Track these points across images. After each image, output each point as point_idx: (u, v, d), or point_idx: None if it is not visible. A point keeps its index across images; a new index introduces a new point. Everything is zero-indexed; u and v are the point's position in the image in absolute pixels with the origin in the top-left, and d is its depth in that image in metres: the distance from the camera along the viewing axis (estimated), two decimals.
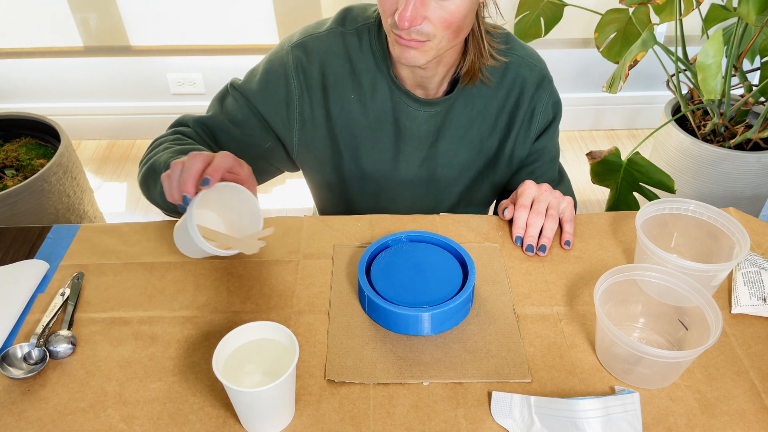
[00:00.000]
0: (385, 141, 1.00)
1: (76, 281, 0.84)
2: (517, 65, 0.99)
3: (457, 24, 0.83)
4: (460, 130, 1.00)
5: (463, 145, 1.02)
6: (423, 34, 0.82)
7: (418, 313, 0.75)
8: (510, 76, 0.99)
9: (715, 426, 0.68)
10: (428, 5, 0.80)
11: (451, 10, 0.81)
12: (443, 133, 1.00)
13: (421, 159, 1.02)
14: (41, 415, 0.69)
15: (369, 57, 0.95)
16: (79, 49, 2.32)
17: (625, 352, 0.69)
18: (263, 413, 0.65)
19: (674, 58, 1.78)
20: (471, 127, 1.00)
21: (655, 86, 2.51)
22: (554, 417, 0.68)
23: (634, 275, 0.76)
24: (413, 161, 1.02)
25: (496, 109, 1.00)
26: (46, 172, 1.66)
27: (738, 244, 0.80)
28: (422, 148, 1.01)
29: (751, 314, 0.81)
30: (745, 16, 1.48)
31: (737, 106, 1.77)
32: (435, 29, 0.82)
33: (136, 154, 2.48)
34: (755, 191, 1.84)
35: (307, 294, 0.83)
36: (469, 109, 0.99)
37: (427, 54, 0.86)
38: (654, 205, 0.85)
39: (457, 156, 1.02)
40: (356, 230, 0.93)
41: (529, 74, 0.99)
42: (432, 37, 0.83)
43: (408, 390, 0.72)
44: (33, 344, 0.75)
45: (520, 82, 0.99)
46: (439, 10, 0.80)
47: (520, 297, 0.83)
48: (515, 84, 0.99)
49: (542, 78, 1.00)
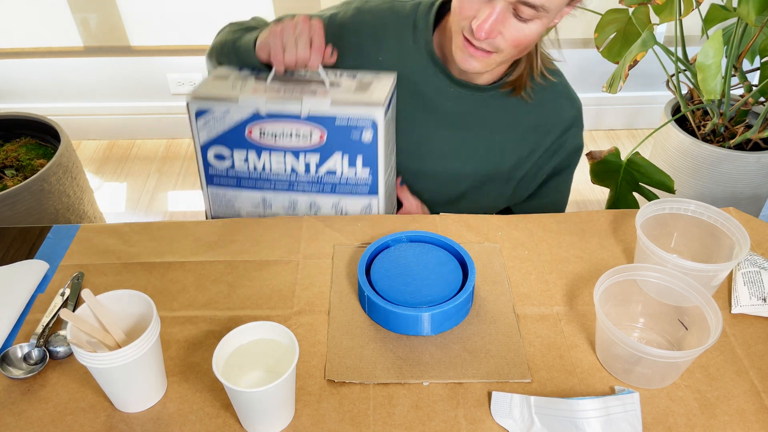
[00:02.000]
0: (404, 112, 0.99)
1: (76, 281, 0.84)
2: (560, 95, 1.00)
3: (526, 45, 0.84)
4: (485, 131, 1.00)
5: (482, 145, 1.01)
6: (493, 46, 0.83)
7: (418, 313, 0.75)
8: (550, 101, 0.99)
9: (715, 426, 0.68)
10: (507, 22, 0.81)
11: (526, 32, 0.82)
12: (468, 123, 0.99)
13: (439, 138, 1.01)
14: (41, 415, 0.69)
15: (408, 30, 0.96)
16: (79, 49, 2.32)
17: (625, 352, 0.69)
18: (263, 413, 0.65)
19: (674, 58, 1.78)
20: (497, 131, 1.00)
21: (655, 86, 2.51)
22: (554, 417, 0.68)
23: (634, 275, 0.76)
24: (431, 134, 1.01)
25: (526, 126, 1.00)
26: (46, 172, 1.66)
27: (738, 244, 0.80)
28: (443, 126, 1.00)
29: (751, 314, 0.81)
30: (745, 17, 1.48)
31: (737, 106, 1.77)
32: (505, 45, 0.83)
33: (136, 154, 2.48)
34: (755, 191, 1.84)
35: (307, 294, 0.83)
36: (502, 114, 0.99)
37: (488, 65, 0.87)
38: (654, 205, 0.85)
39: (473, 153, 1.02)
40: (356, 230, 0.93)
41: (569, 108, 1.00)
42: (500, 51, 0.84)
43: (408, 390, 0.72)
44: (33, 344, 0.75)
45: (558, 111, 1.00)
46: (515, 29, 0.81)
47: (520, 297, 0.83)
48: (554, 111, 1.00)
49: (578, 116, 1.01)
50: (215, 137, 0.92)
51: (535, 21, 0.81)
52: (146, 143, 2.54)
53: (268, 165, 0.93)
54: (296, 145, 0.90)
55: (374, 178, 0.92)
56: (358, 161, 0.90)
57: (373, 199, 0.94)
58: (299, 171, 0.92)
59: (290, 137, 0.89)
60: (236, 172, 0.95)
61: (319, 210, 0.96)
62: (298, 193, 0.95)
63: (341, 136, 0.88)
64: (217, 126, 0.91)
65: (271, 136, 0.90)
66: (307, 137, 0.89)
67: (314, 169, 0.92)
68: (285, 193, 0.95)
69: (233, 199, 0.98)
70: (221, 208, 1.00)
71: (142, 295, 0.69)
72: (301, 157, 0.91)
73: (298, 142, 0.89)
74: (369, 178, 0.92)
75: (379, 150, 0.89)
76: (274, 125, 0.89)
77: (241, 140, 0.91)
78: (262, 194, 0.96)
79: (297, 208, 0.97)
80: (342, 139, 0.89)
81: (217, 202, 0.99)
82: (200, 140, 0.93)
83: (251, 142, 0.91)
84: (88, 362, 0.63)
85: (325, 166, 0.91)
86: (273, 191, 0.95)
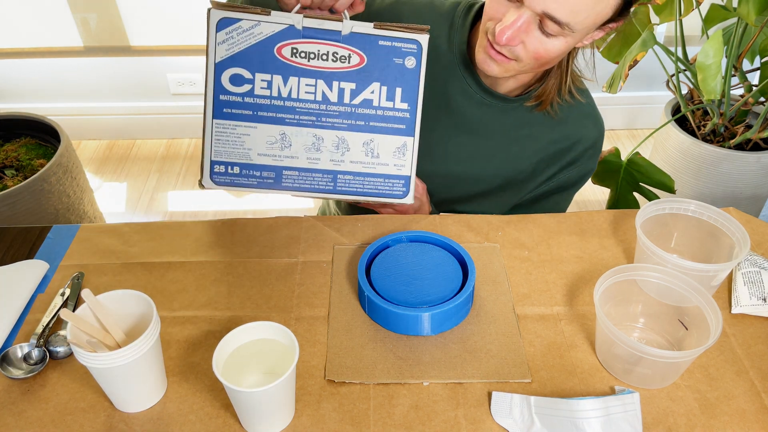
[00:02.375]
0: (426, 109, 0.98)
1: (76, 281, 0.84)
2: (585, 115, 0.99)
3: (547, 60, 0.83)
4: (504, 140, 0.99)
5: (499, 155, 1.00)
6: (513, 54, 0.82)
7: (418, 313, 0.75)
8: (574, 119, 0.99)
9: (715, 426, 0.68)
10: (531, 33, 0.80)
11: (548, 47, 0.81)
12: (488, 131, 0.99)
13: (456, 142, 1.00)
14: (41, 415, 0.69)
15: (446, 26, 0.96)
16: (79, 49, 2.32)
17: (625, 352, 0.69)
18: (263, 413, 0.65)
19: (674, 58, 1.78)
20: (516, 143, 0.99)
21: (655, 86, 2.51)
22: (554, 417, 0.68)
23: (634, 275, 0.76)
24: (449, 138, 1.00)
25: (546, 141, 0.99)
26: (46, 172, 1.66)
27: (738, 244, 0.80)
28: (463, 131, 0.99)
29: (751, 314, 0.81)
30: (745, 17, 1.48)
31: (737, 106, 1.77)
32: (525, 56, 0.82)
33: (136, 154, 2.48)
34: (755, 191, 1.84)
35: (307, 294, 0.83)
36: (523, 127, 0.98)
37: (506, 71, 0.86)
38: (654, 205, 0.85)
39: (489, 161, 1.01)
40: (356, 230, 0.93)
41: (592, 128, 1.00)
42: (519, 60, 0.83)
43: (408, 390, 0.72)
44: (33, 344, 0.75)
45: (580, 130, 0.99)
46: (537, 42, 0.80)
47: (520, 297, 0.83)
48: (576, 129, 0.99)
49: (599, 139, 1.01)
50: (236, 54, 0.81)
51: (559, 38, 0.80)
52: (146, 143, 2.54)
53: (296, 91, 0.82)
54: (332, 67, 0.81)
55: (413, 116, 0.84)
56: (397, 94, 0.82)
57: (408, 140, 0.85)
58: (332, 99, 0.82)
59: (326, 59, 0.81)
60: (255, 99, 0.82)
61: (348, 150, 0.85)
62: (325, 129, 0.83)
63: (382, 61, 0.81)
64: (242, 41, 0.81)
65: (304, 56, 0.81)
66: (346, 60, 0.80)
67: (348, 98, 0.82)
68: (310, 129, 0.83)
69: (244, 136, 0.83)
70: (226, 148, 0.84)
71: (142, 295, 0.69)
72: (334, 84, 0.82)
73: (335, 64, 0.81)
74: (407, 114, 0.84)
75: (420, 81, 0.82)
76: (309, 44, 0.80)
77: (268, 60, 0.81)
78: (282, 129, 0.83)
79: (321, 148, 0.85)
80: (382, 65, 0.81)
81: (222, 141, 0.83)
82: (216, 57, 0.82)
83: (281, 61, 0.81)
84: (88, 362, 0.63)
85: (361, 96, 0.82)
86: (296, 126, 0.83)
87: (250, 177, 0.85)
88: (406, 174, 0.86)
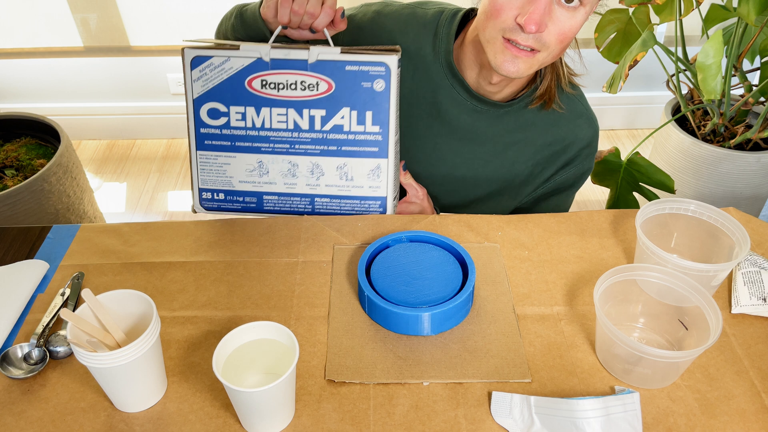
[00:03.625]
0: (417, 119, 0.99)
1: (76, 281, 0.84)
2: (578, 115, 0.99)
3: (570, 39, 0.83)
4: (499, 146, 0.99)
5: (494, 160, 1.01)
6: (540, 42, 0.82)
7: (418, 313, 0.75)
8: (568, 120, 0.99)
9: (715, 426, 0.68)
10: (554, 14, 0.80)
11: (572, 23, 0.81)
12: (482, 138, 0.99)
13: (451, 149, 1.00)
14: (41, 415, 0.69)
15: (429, 36, 0.95)
16: (79, 49, 2.32)
17: (625, 352, 0.69)
18: (263, 413, 0.65)
19: (674, 58, 1.78)
20: (511, 147, 1.00)
21: (655, 86, 2.51)
22: (554, 417, 0.68)
23: (634, 275, 0.76)
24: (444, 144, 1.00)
25: (541, 144, 1.00)
26: (46, 172, 1.66)
27: (738, 244, 0.80)
28: (457, 139, 0.99)
29: (751, 314, 0.81)
30: (745, 17, 1.48)
31: (737, 106, 1.77)
32: (552, 40, 0.82)
33: (136, 154, 2.48)
34: (755, 191, 1.84)
35: (307, 294, 0.83)
36: (517, 131, 0.98)
37: (532, 66, 0.85)
38: (654, 205, 0.85)
39: (485, 166, 1.01)
40: (356, 230, 0.93)
41: (587, 128, 1.00)
42: (545, 48, 0.83)
43: (408, 390, 0.72)
44: (33, 344, 0.75)
45: (575, 130, 0.99)
46: (561, 21, 0.80)
47: (520, 297, 0.83)
48: (570, 130, 0.99)
49: (594, 138, 1.01)
50: (210, 90, 0.85)
51: (579, 9, 0.80)
52: (146, 143, 2.54)
53: (269, 121, 0.86)
54: (301, 96, 0.84)
55: (385, 138, 0.85)
56: (368, 118, 0.84)
57: (382, 162, 0.87)
58: (303, 127, 0.85)
59: (294, 88, 0.83)
60: (231, 131, 0.87)
61: (323, 174, 0.89)
62: (299, 156, 0.88)
63: (351, 86, 0.83)
64: (215, 77, 0.85)
65: (273, 87, 0.84)
66: (314, 87, 0.83)
67: (319, 125, 0.85)
68: (284, 156, 0.87)
69: (225, 165, 0.90)
70: (211, 177, 0.91)
71: (142, 295, 0.69)
72: (305, 112, 0.85)
73: (304, 93, 0.83)
74: (379, 136, 0.85)
75: (391, 103, 0.84)
76: (277, 75, 0.83)
77: (240, 93, 0.85)
78: (259, 158, 0.88)
79: (297, 173, 0.89)
80: (351, 90, 0.83)
81: (206, 170, 0.90)
82: (193, 94, 0.86)
83: (252, 93, 0.85)
84: (89, 362, 0.63)
85: (331, 122, 0.85)
86: (271, 154, 0.88)
87: (234, 202, 0.93)
88: (382, 195, 0.90)
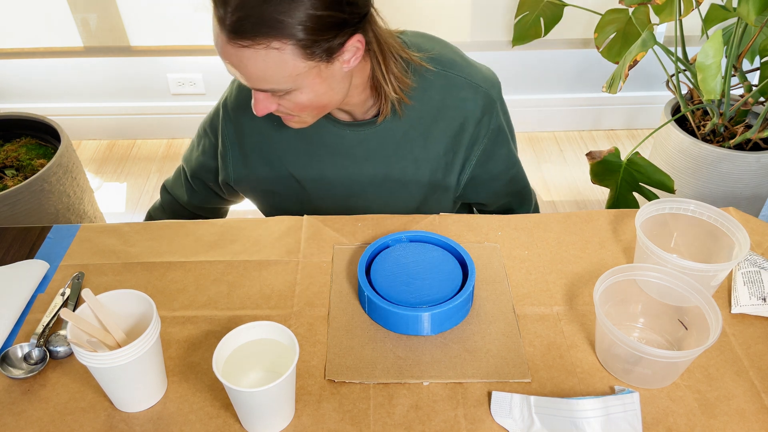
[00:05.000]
0: (316, 154, 0.98)
1: (76, 281, 0.84)
2: (458, 87, 0.94)
3: (311, 106, 0.82)
4: (390, 148, 0.97)
5: (399, 163, 0.98)
6: (285, 112, 0.83)
7: (418, 313, 0.75)
8: (448, 99, 0.94)
9: (715, 426, 0.68)
10: (278, 99, 0.80)
11: (296, 101, 0.80)
12: (375, 151, 0.97)
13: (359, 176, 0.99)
14: (41, 415, 0.69)
15: None
16: (79, 49, 2.32)
17: (624, 352, 0.69)
18: (263, 413, 0.65)
19: (674, 58, 1.78)
20: (405, 144, 0.96)
21: (654, 86, 2.51)
22: (554, 417, 0.68)
23: (634, 275, 0.76)
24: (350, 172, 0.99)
25: (436, 134, 0.96)
26: (46, 172, 1.66)
27: (738, 244, 0.80)
28: (356, 163, 0.98)
29: (751, 314, 0.81)
30: (745, 17, 1.48)
31: (737, 106, 1.77)
32: (293, 111, 0.82)
33: (136, 154, 2.48)
34: (755, 191, 1.84)
35: (307, 294, 0.83)
36: (404, 128, 0.95)
37: (305, 122, 0.86)
38: (654, 205, 0.85)
39: (400, 179, 0.99)
40: (356, 230, 0.93)
41: (472, 97, 0.94)
42: (298, 113, 0.83)
43: (408, 390, 0.72)
44: (33, 344, 0.75)
45: (461, 106, 0.94)
46: (286, 101, 0.81)
47: (520, 297, 0.83)
48: (457, 109, 0.94)
49: (487, 102, 0.95)
50: None
51: (294, 93, 0.79)
52: (146, 143, 2.54)
53: None
54: None
55: None
56: None
57: None
58: None
59: None
60: None
61: None
62: None
63: None
64: None
65: None
66: None
67: None
68: None
69: None
70: None
71: (142, 295, 0.69)
72: None
73: None
74: None
75: None
76: None
77: None
78: None
79: None
80: None
81: None
82: None
83: None
84: (89, 362, 0.63)
85: None
86: None
87: None
88: None
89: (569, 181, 2.33)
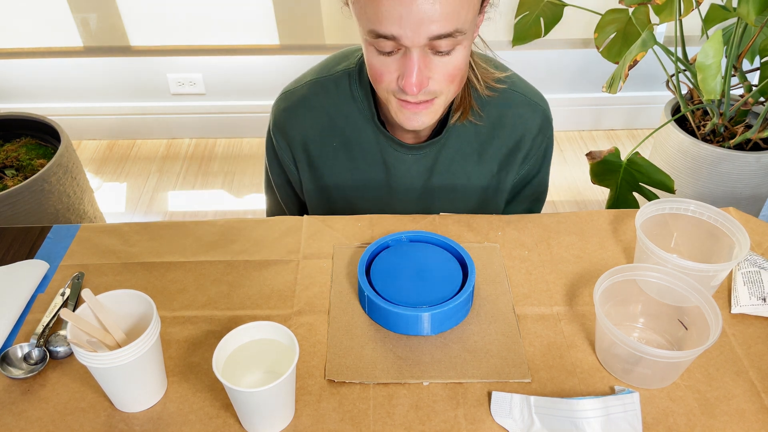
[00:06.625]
0: (377, 180, 1.00)
1: (76, 281, 0.84)
2: (517, 104, 0.96)
3: (461, 75, 0.81)
4: (452, 167, 0.98)
5: (457, 182, 1.00)
6: (430, 93, 0.81)
7: (418, 313, 0.75)
8: (508, 117, 0.96)
9: (714, 426, 0.68)
10: (431, 64, 0.78)
11: (454, 63, 0.78)
12: (435, 172, 0.98)
13: (416, 197, 1.01)
14: (41, 415, 0.69)
15: (349, 103, 0.95)
16: (79, 49, 2.32)
17: (624, 352, 0.69)
18: (263, 413, 0.65)
19: (674, 59, 1.78)
20: (464, 163, 0.98)
21: (654, 86, 2.51)
22: (554, 417, 0.68)
23: (634, 275, 0.76)
24: (408, 199, 1.01)
25: (492, 152, 0.98)
26: (46, 172, 1.66)
27: (738, 244, 0.80)
28: (415, 187, 1.00)
29: (750, 314, 0.81)
30: (745, 17, 1.48)
31: (737, 106, 1.77)
32: (441, 86, 0.80)
33: (136, 154, 2.48)
34: (755, 191, 1.84)
35: (307, 294, 0.83)
36: (462, 146, 0.97)
37: (436, 113, 0.84)
38: (654, 205, 0.85)
39: (453, 192, 1.01)
40: (356, 230, 0.93)
41: (530, 115, 0.96)
42: (439, 93, 0.81)
43: (408, 390, 0.72)
44: (33, 344, 0.75)
45: (520, 124, 0.96)
46: (442, 66, 0.78)
47: (520, 297, 0.83)
48: (515, 127, 0.96)
49: (543, 121, 0.98)
50: None
51: (457, 48, 0.78)
52: (146, 143, 2.54)
53: None
54: None
55: None
56: None
57: None
58: None
59: None
60: None
61: None
62: None
63: None
64: None
65: None
66: None
67: None
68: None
69: None
70: None
71: (142, 295, 0.69)
72: None
73: None
74: None
75: None
76: None
77: None
78: None
79: None
80: None
81: None
82: None
83: None
84: (89, 362, 0.63)
85: None
86: None
87: None
88: None
89: (569, 181, 2.33)
